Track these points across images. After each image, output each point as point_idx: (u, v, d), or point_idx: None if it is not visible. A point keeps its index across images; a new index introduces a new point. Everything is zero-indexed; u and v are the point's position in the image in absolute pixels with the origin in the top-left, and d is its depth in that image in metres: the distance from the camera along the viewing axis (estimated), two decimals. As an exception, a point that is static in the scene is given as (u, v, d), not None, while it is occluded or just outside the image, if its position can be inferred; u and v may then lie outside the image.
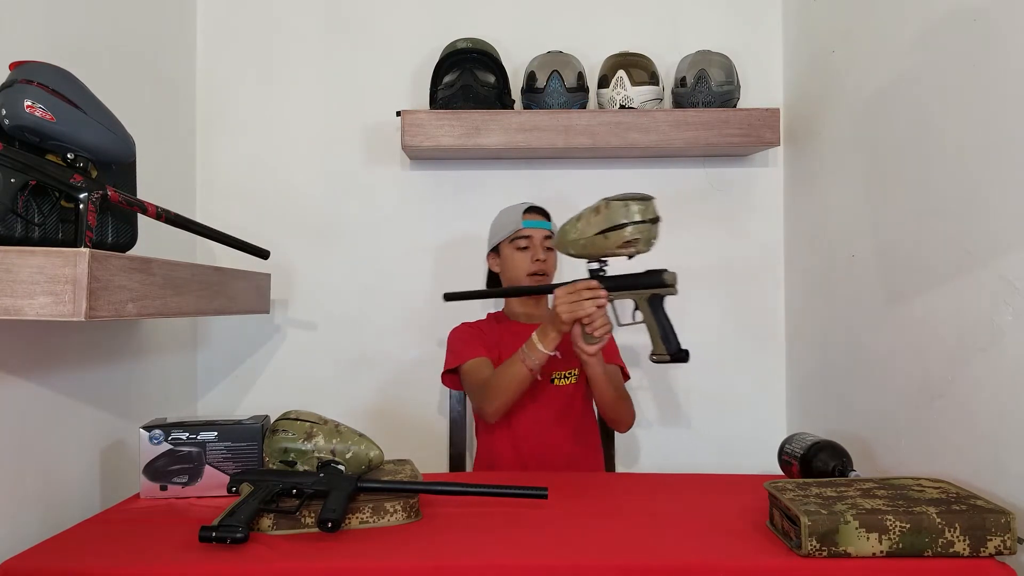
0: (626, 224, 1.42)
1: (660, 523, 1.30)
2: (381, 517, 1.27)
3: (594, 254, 1.50)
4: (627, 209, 1.42)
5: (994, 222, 1.29)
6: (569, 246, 1.52)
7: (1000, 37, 1.28)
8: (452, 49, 1.97)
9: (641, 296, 1.50)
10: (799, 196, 2.08)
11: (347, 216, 2.13)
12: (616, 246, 1.44)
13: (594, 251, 1.48)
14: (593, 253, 1.49)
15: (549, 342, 1.56)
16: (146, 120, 1.75)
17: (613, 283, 1.51)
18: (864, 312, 1.72)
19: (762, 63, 2.15)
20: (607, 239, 1.44)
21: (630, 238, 1.42)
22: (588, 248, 1.48)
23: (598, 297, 1.49)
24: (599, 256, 1.50)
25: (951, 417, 1.40)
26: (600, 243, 1.45)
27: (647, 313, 1.50)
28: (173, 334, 1.95)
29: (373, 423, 2.00)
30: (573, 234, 1.50)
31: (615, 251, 1.46)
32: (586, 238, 1.47)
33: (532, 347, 1.58)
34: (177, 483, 1.44)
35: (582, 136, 1.95)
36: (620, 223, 1.42)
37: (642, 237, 1.43)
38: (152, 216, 1.33)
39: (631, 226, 1.42)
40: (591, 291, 1.49)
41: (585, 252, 1.50)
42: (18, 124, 1.10)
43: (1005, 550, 1.10)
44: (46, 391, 1.37)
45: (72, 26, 1.49)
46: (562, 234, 1.54)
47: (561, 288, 1.52)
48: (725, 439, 2.14)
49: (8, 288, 1.03)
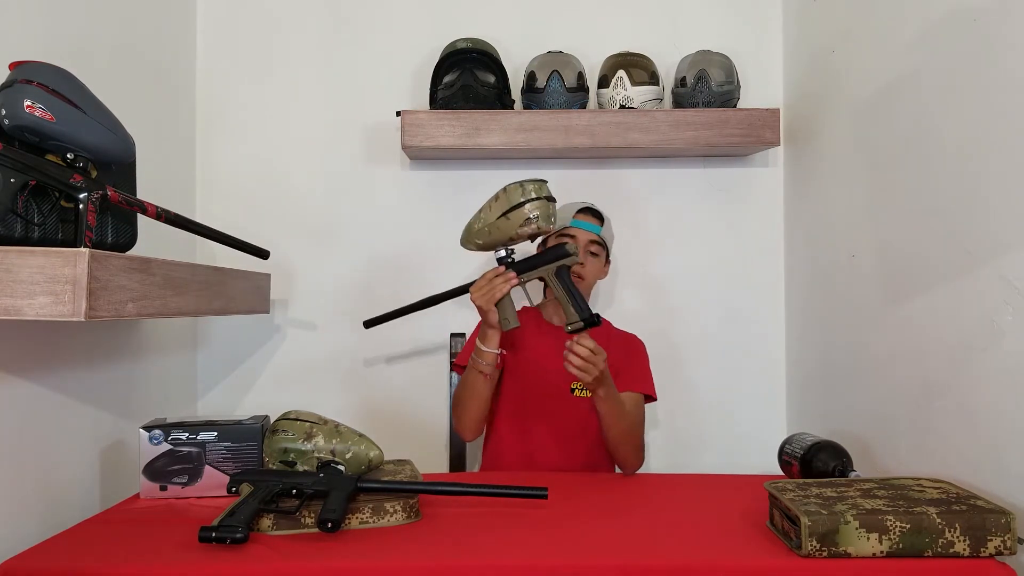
0: (524, 202, 1.51)
1: (660, 523, 1.30)
2: (381, 517, 1.27)
3: (499, 240, 1.56)
4: (523, 189, 1.53)
5: (994, 222, 1.29)
6: (475, 236, 1.58)
7: (1000, 37, 1.28)
8: (452, 49, 1.97)
9: (548, 271, 1.58)
10: (799, 196, 2.08)
11: (347, 216, 2.13)
12: (518, 225, 1.52)
13: (499, 236, 1.55)
14: (498, 239, 1.56)
15: (488, 340, 1.61)
16: (146, 120, 1.74)
17: (521, 266, 1.59)
18: (864, 312, 1.72)
19: (762, 63, 2.15)
20: (509, 219, 1.53)
21: (529, 214, 1.51)
22: (493, 234, 1.55)
23: (508, 279, 1.56)
24: (504, 242, 1.57)
25: (951, 417, 1.40)
26: (504, 225, 1.53)
27: (556, 286, 1.57)
28: (173, 334, 1.95)
29: (373, 423, 2.00)
30: (478, 224, 1.57)
31: (518, 232, 1.53)
32: (489, 223, 1.55)
33: (478, 351, 1.63)
34: (177, 483, 1.44)
35: (582, 136, 1.95)
36: (519, 202, 1.52)
37: (540, 213, 1.52)
38: (152, 216, 1.33)
39: (528, 203, 1.51)
40: (500, 276, 1.56)
41: (491, 239, 1.56)
42: (18, 124, 1.10)
43: (1005, 550, 1.10)
44: (46, 391, 1.37)
45: (72, 26, 1.49)
46: (467, 230, 1.60)
47: (476, 282, 1.59)
48: (725, 439, 2.14)
49: (8, 288, 1.03)
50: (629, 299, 2.16)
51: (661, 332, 1.96)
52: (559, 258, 1.58)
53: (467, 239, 1.61)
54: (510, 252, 1.60)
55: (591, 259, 1.75)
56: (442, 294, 1.70)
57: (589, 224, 1.75)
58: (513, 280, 1.57)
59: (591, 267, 1.75)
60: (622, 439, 1.65)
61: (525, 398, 1.76)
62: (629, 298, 2.16)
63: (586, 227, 1.75)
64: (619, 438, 1.65)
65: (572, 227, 1.74)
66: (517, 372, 1.77)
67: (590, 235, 1.75)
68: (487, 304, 1.57)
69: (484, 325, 1.62)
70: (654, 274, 2.16)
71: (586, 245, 1.75)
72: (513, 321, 1.58)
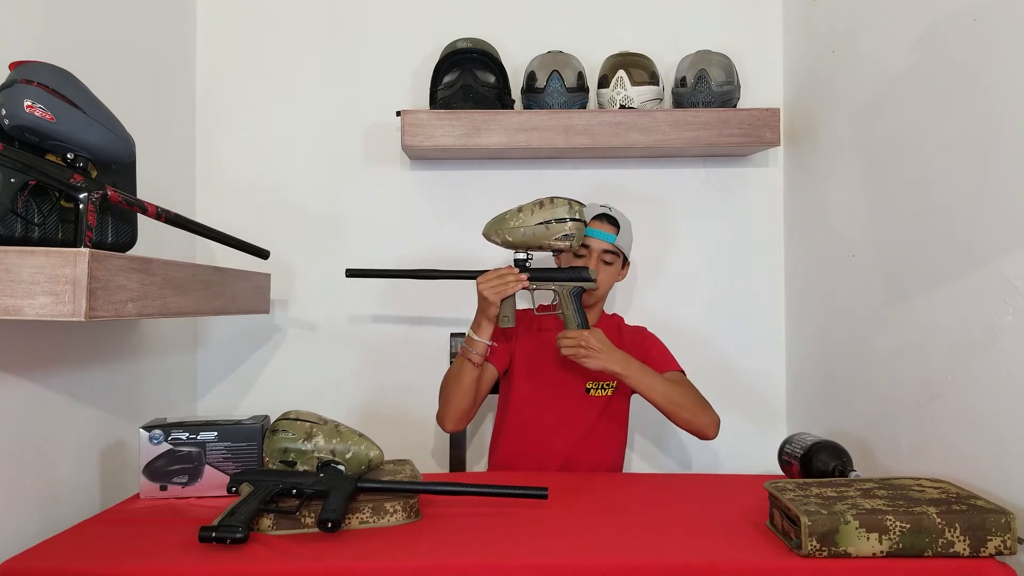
0: (567, 219, 1.58)
1: (660, 523, 1.30)
2: (381, 517, 1.27)
3: (528, 242, 1.60)
4: (570, 207, 1.60)
5: (994, 222, 1.29)
6: (507, 232, 1.61)
7: (1000, 38, 1.28)
8: (452, 49, 1.97)
9: (564, 288, 1.65)
10: (799, 196, 2.08)
11: (347, 216, 2.13)
12: (554, 237, 1.59)
13: (530, 240, 1.60)
14: (528, 242, 1.60)
15: (483, 330, 1.64)
16: (146, 120, 1.74)
17: (539, 274, 1.64)
18: (864, 312, 1.72)
19: (762, 63, 2.15)
20: (548, 229, 1.59)
21: (569, 232, 1.59)
22: (526, 235, 1.60)
23: (520, 280, 1.59)
24: (531, 246, 1.61)
25: (951, 417, 1.40)
26: (540, 233, 1.59)
27: (567, 304, 1.65)
28: (173, 334, 1.95)
29: (373, 423, 2.00)
30: (514, 222, 1.60)
31: (551, 243, 1.60)
32: (527, 226, 1.59)
33: (470, 339, 1.65)
34: (177, 483, 1.44)
35: (582, 136, 1.95)
36: (563, 217, 1.59)
37: (576, 234, 1.60)
38: (152, 216, 1.33)
39: (572, 222, 1.59)
40: (512, 275, 1.60)
41: (521, 239, 1.60)
42: (18, 124, 1.10)
43: (1005, 550, 1.10)
44: (46, 391, 1.37)
45: (72, 26, 1.49)
46: (500, 221, 1.62)
47: (486, 273, 1.61)
48: (725, 439, 2.13)
49: (8, 288, 1.03)
50: (629, 299, 2.16)
51: (661, 331, 1.95)
52: (578, 280, 1.65)
53: (496, 231, 1.62)
54: (530, 257, 1.63)
55: (604, 267, 1.74)
56: (445, 271, 1.70)
57: (604, 233, 1.73)
58: (524, 283, 1.60)
59: (604, 276, 1.74)
60: (678, 409, 1.65)
61: (540, 397, 1.76)
62: (629, 298, 2.16)
63: (601, 236, 1.72)
64: (674, 410, 1.65)
65: (587, 235, 1.70)
66: (534, 372, 1.77)
67: (604, 244, 1.73)
68: (495, 297, 1.58)
69: (480, 315, 1.63)
70: (654, 274, 2.16)
71: (600, 254, 1.73)
72: (511, 320, 1.61)
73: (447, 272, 1.69)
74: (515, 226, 1.60)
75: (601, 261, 1.74)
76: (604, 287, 1.76)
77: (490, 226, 1.64)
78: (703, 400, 1.70)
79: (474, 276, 1.63)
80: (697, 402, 1.68)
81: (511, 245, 1.62)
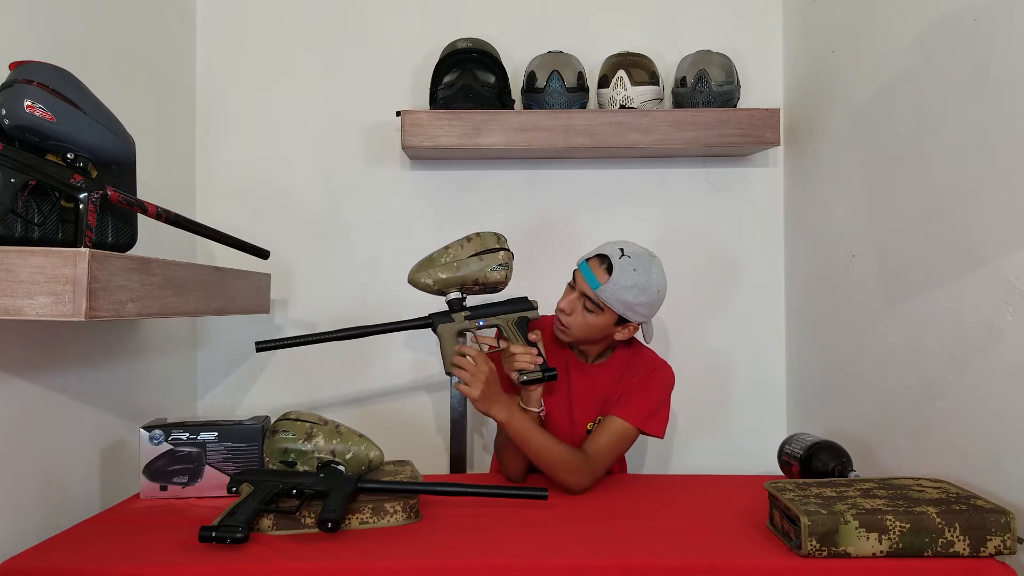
0: (499, 249, 1.50)
1: (660, 523, 1.30)
2: (381, 518, 1.27)
3: (464, 279, 1.49)
4: (497, 238, 1.52)
5: (994, 222, 1.29)
6: (439, 268, 1.49)
7: (1000, 38, 1.28)
8: (452, 49, 1.97)
9: (508, 320, 1.53)
10: (799, 196, 2.08)
11: (347, 216, 2.13)
12: (488, 268, 1.49)
13: (465, 274, 1.49)
14: (464, 277, 1.49)
15: (531, 401, 1.54)
16: (146, 120, 1.74)
17: (478, 311, 1.52)
18: (864, 312, 1.72)
19: (762, 63, 2.15)
20: (482, 260, 1.49)
21: (503, 260, 1.50)
22: (461, 270, 1.49)
23: (528, 351, 1.48)
24: (465, 282, 1.50)
25: (951, 417, 1.40)
26: (474, 265, 1.49)
27: (515, 336, 1.52)
28: (173, 334, 1.95)
29: (373, 423, 2.00)
30: (444, 258, 1.50)
31: (487, 274, 1.49)
32: (461, 259, 1.49)
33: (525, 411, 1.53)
34: (177, 483, 1.44)
35: (582, 136, 1.95)
36: (493, 247, 1.50)
37: (509, 264, 1.51)
38: (152, 216, 1.33)
39: (503, 251, 1.50)
40: (477, 356, 1.46)
41: (457, 276, 1.49)
42: (18, 124, 1.10)
43: (1005, 550, 1.11)
44: (46, 391, 1.37)
45: (71, 26, 1.49)
46: (429, 262, 1.51)
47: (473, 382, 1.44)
48: (725, 439, 2.14)
49: (8, 288, 1.03)
50: (629, 299, 2.15)
51: (660, 332, 1.96)
52: (520, 310, 1.54)
53: (426, 272, 1.50)
54: (464, 296, 1.52)
55: (581, 311, 1.56)
56: (373, 327, 1.56)
57: (588, 275, 1.55)
58: (532, 353, 1.48)
59: (574, 324, 1.57)
60: (543, 467, 1.49)
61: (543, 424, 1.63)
62: (629, 298, 2.15)
63: (584, 277, 1.56)
64: (539, 466, 1.50)
65: (577, 268, 1.60)
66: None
67: (586, 287, 1.55)
68: (497, 396, 1.45)
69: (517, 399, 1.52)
70: (654, 274, 2.15)
71: (579, 296, 1.56)
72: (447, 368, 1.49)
73: (369, 328, 1.56)
74: (447, 262, 1.49)
75: (581, 303, 1.56)
76: (577, 329, 1.58)
77: (417, 270, 1.51)
78: (580, 466, 1.50)
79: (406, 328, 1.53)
80: (569, 468, 1.49)
81: (444, 284, 1.49)
